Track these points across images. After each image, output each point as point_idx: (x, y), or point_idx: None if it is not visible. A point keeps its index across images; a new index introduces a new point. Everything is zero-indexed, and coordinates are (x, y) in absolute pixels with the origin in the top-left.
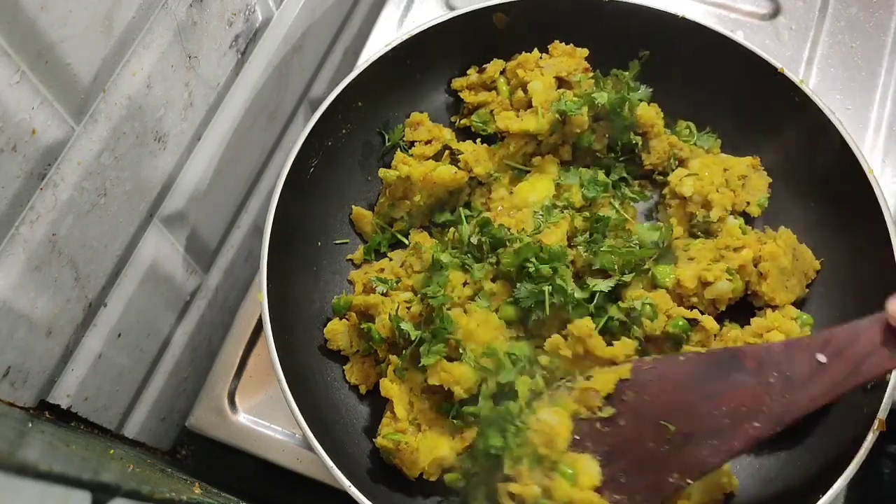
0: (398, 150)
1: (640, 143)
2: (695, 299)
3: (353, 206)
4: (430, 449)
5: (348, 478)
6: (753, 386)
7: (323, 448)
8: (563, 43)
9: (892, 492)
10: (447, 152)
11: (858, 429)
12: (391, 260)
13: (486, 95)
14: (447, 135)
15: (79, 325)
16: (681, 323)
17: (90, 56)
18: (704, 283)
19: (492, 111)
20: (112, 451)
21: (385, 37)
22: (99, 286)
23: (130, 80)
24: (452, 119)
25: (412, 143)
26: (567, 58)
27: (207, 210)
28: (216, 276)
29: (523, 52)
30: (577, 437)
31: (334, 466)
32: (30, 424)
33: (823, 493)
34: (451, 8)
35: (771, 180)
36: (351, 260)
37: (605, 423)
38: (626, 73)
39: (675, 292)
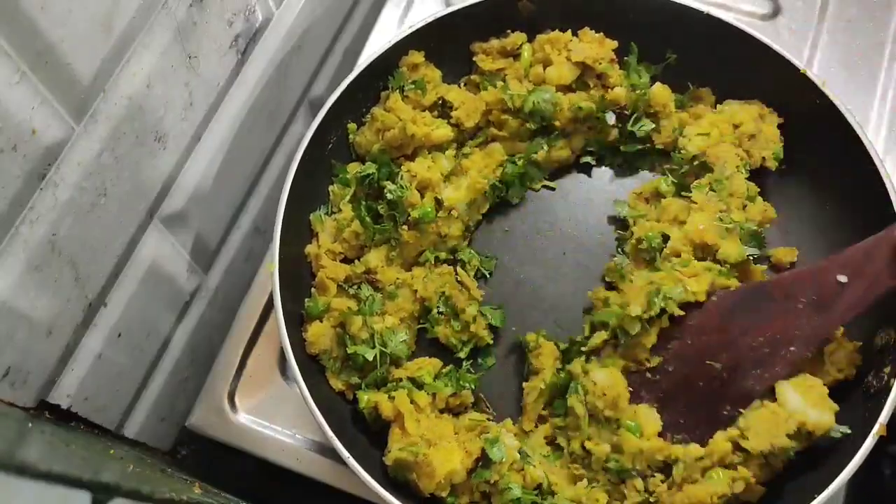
0: (397, 92)
1: (652, 127)
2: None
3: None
4: (443, 462)
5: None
6: (785, 314)
7: (339, 440)
8: (593, 31)
9: (893, 492)
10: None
11: (859, 432)
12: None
13: (504, 62)
14: (438, 77)
15: (79, 325)
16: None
17: (90, 56)
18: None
19: (504, 77)
20: (112, 451)
21: (385, 37)
22: (99, 286)
23: (130, 80)
24: (463, 82)
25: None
26: (596, 45)
27: (207, 210)
28: (216, 276)
29: (556, 30)
30: (632, 390)
31: (358, 466)
32: (30, 424)
33: (819, 494)
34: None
35: (781, 120)
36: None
37: (655, 372)
38: (631, 56)
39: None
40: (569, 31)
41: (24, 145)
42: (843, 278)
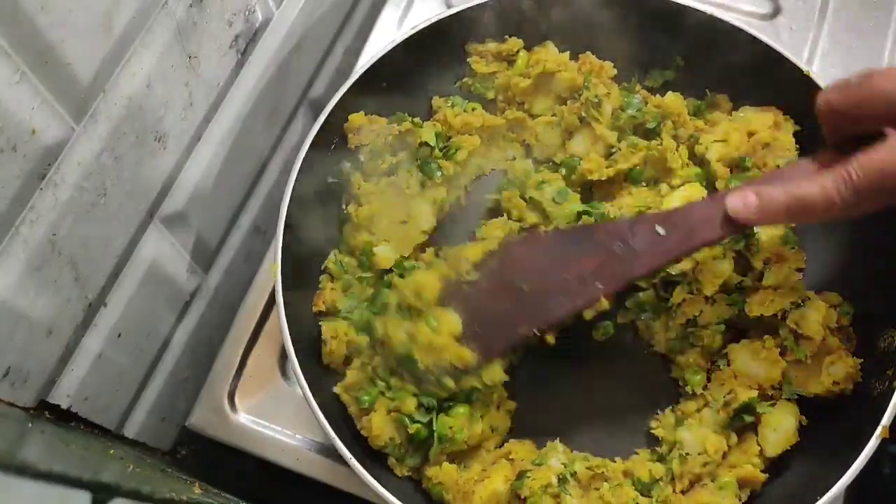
0: (351, 166)
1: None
2: None
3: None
4: (486, 486)
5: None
6: (601, 253)
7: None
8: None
9: (893, 492)
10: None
11: (861, 435)
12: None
13: (497, 67)
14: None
15: (79, 325)
16: None
17: (90, 56)
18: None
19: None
20: (112, 451)
21: (385, 37)
22: (99, 286)
23: (130, 80)
24: (458, 84)
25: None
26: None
27: (207, 210)
28: (216, 276)
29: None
30: (443, 296)
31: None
32: (30, 424)
33: (821, 496)
34: (451, 7)
35: (798, 128)
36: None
37: (470, 285)
38: (630, 84)
39: None
40: (567, 54)
41: (24, 145)
42: (661, 230)
